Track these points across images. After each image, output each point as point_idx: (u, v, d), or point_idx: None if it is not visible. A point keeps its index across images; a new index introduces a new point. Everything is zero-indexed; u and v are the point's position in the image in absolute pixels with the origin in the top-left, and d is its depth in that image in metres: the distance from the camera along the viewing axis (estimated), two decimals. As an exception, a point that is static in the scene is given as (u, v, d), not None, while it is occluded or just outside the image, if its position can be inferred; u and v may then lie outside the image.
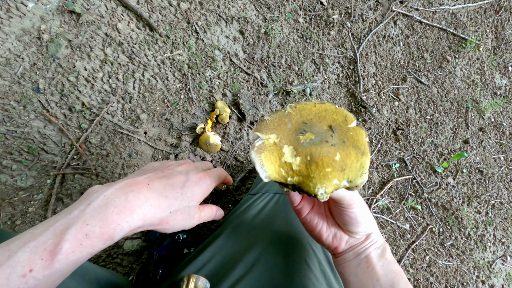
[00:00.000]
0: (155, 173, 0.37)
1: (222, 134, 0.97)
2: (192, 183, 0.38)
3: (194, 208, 0.39)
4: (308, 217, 0.42)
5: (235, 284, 0.49)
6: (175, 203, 0.35)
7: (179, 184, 0.37)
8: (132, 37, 0.94)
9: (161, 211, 0.34)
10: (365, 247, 0.41)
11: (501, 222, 1.23)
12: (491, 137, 1.32)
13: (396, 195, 1.13)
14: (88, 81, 0.88)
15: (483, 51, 1.41)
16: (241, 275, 0.50)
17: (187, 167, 0.41)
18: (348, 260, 0.41)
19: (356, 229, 0.40)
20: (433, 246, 1.11)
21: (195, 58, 0.99)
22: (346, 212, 0.38)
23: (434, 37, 1.34)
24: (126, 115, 0.89)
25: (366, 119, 1.16)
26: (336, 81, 1.17)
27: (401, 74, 1.27)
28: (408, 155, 1.18)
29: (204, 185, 0.40)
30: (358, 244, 0.41)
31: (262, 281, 0.50)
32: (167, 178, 0.37)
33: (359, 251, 0.41)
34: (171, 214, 0.35)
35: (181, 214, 0.37)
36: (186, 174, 0.39)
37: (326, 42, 1.18)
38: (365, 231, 0.40)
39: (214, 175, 0.43)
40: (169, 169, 0.39)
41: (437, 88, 1.30)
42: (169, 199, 0.35)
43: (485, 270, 1.14)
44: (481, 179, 1.25)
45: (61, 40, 0.87)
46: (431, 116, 1.26)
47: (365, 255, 0.40)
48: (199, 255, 0.56)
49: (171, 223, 0.36)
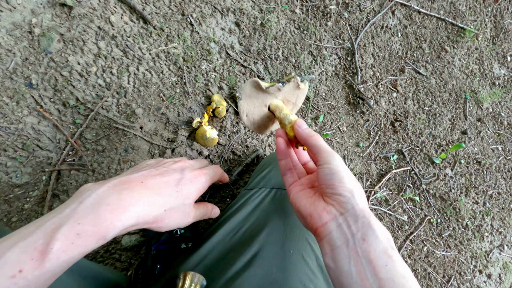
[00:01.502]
0: (150, 170, 0.37)
1: (219, 128, 0.96)
2: (187, 181, 0.38)
3: (189, 206, 0.38)
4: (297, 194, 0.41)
5: (232, 280, 0.49)
6: (169, 201, 0.35)
7: (174, 182, 0.37)
8: (126, 30, 0.92)
9: (155, 209, 0.33)
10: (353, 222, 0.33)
11: (499, 212, 1.23)
12: (489, 127, 1.32)
13: (394, 187, 1.13)
14: (81, 75, 0.86)
15: (482, 40, 1.40)
16: (237, 271, 0.50)
17: (182, 165, 0.40)
18: (335, 244, 0.33)
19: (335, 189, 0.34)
20: (431, 236, 1.12)
21: (190, 51, 0.97)
22: (324, 168, 0.36)
23: (432, 27, 1.33)
24: (121, 110, 0.88)
25: (364, 111, 1.16)
26: (333, 73, 1.16)
27: (399, 65, 1.25)
28: (406, 146, 1.18)
29: (199, 183, 0.39)
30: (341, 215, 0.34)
31: (259, 277, 0.49)
32: (162, 176, 0.36)
33: (343, 228, 0.33)
34: (166, 212, 0.35)
35: (176, 212, 0.36)
36: (181, 171, 0.39)
37: (324, 33, 1.16)
38: (346, 194, 0.34)
39: (209, 173, 0.42)
40: (164, 167, 0.39)
41: (435, 78, 1.29)
42: (163, 197, 0.34)
43: (482, 260, 1.15)
44: (479, 169, 1.26)
45: (53, 34, 0.86)
46: (429, 107, 1.25)
47: (357, 239, 0.32)
48: (196, 252, 0.55)
49: (166, 221, 0.35)
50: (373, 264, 0.30)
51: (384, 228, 0.34)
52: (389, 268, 0.30)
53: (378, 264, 0.30)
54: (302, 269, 0.51)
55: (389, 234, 0.34)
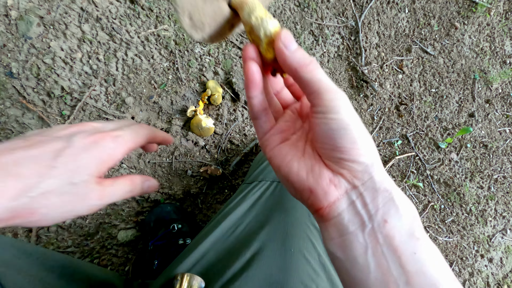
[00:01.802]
0: (14, 142, 0.26)
1: (215, 116, 0.91)
2: (76, 149, 0.27)
3: (84, 185, 0.27)
4: (277, 149, 0.29)
5: (231, 282, 0.47)
6: (40, 183, 0.25)
7: (49, 154, 0.26)
8: (111, 11, 0.85)
9: (8, 199, 0.23)
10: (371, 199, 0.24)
11: (503, 196, 1.21)
12: (498, 109, 1.27)
13: (397, 173, 1.10)
14: (66, 62, 0.80)
15: (494, 15, 1.31)
16: (236, 272, 0.48)
17: (74, 130, 0.29)
18: (346, 229, 0.25)
19: (347, 153, 0.24)
20: (434, 223, 1.10)
21: (182, 33, 0.90)
22: (328, 120, 0.24)
23: (442, 2, 1.24)
24: (110, 99, 0.83)
25: (368, 95, 1.10)
26: (336, 54, 1.09)
27: (405, 44, 1.18)
28: (411, 131, 1.14)
29: (101, 150, 0.28)
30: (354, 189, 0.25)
31: (259, 278, 0.47)
32: (29, 148, 0.26)
33: (358, 207, 0.24)
34: (35, 200, 0.25)
35: (59, 196, 0.26)
36: (68, 139, 0.27)
37: (326, 11, 1.08)
38: (363, 160, 0.24)
39: (124, 134, 0.30)
40: (44, 135, 0.28)
41: (443, 58, 1.22)
42: (24, 178, 0.24)
43: (484, 244, 1.15)
44: (485, 153, 1.22)
45: (31, 17, 0.79)
46: (436, 89, 1.19)
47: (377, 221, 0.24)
48: (193, 251, 0.53)
49: (42, 212, 0.25)
50: (398, 253, 0.23)
51: (408, 202, 0.25)
52: (418, 257, 0.23)
53: (405, 252, 0.23)
54: (304, 269, 0.49)
55: (415, 209, 0.25)
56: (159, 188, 0.36)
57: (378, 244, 0.23)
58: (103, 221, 0.79)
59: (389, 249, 0.23)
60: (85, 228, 0.78)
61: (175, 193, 0.86)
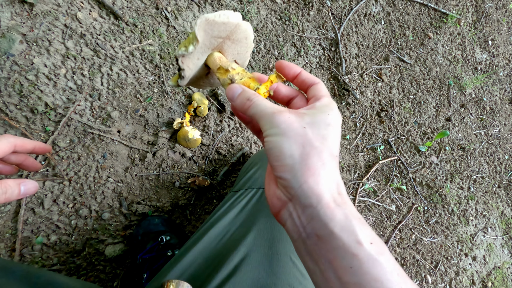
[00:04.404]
0: None
1: (201, 128, 0.92)
2: None
3: None
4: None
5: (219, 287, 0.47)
6: None
7: None
8: (96, 28, 0.86)
9: None
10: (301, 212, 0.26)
11: (482, 195, 1.26)
12: (472, 113, 1.34)
13: (381, 177, 1.14)
14: (49, 78, 0.80)
15: (464, 25, 1.40)
16: (223, 278, 0.48)
17: None
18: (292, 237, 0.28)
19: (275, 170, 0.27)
20: (419, 224, 1.13)
21: (167, 47, 0.92)
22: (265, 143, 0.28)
23: (415, 13, 1.31)
24: (95, 113, 0.83)
25: (350, 103, 1.14)
26: (318, 64, 1.13)
27: (383, 53, 1.24)
28: (392, 136, 1.18)
29: None
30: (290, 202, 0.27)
31: (247, 283, 0.48)
32: None
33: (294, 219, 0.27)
34: None
35: None
36: None
37: (306, 24, 1.13)
38: (286, 177, 0.26)
39: None
40: None
41: (419, 66, 1.28)
42: None
43: (467, 243, 1.18)
44: (463, 155, 1.27)
45: (14, 35, 0.79)
46: (414, 96, 1.25)
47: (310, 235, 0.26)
48: (180, 260, 0.53)
49: None
50: (334, 266, 0.24)
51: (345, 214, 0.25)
52: (355, 270, 0.23)
53: (340, 265, 0.24)
54: (291, 272, 0.50)
55: (357, 221, 0.25)
56: (37, 190, 0.35)
57: (316, 255, 0.26)
58: (90, 236, 0.77)
59: (326, 260, 0.25)
60: (71, 245, 0.76)
61: (163, 205, 0.86)
